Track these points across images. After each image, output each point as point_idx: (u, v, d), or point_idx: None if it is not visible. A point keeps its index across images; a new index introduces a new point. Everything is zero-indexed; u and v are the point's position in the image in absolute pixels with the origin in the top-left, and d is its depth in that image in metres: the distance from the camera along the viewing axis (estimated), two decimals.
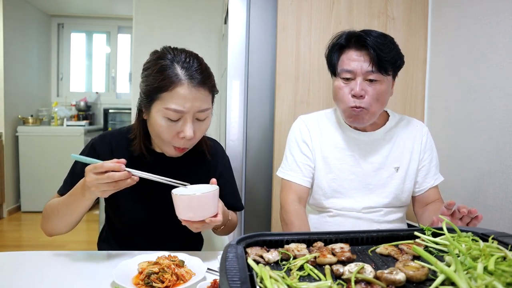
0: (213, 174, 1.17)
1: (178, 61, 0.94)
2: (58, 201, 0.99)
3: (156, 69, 0.94)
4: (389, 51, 1.09)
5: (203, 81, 0.95)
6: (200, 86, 0.94)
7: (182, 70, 0.93)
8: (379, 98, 1.12)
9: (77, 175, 1.02)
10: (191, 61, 0.95)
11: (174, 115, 0.93)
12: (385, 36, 1.12)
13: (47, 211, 1.02)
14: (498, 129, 1.28)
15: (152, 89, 0.94)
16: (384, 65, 1.09)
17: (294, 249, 0.63)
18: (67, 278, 0.86)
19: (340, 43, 1.15)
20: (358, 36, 1.11)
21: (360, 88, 1.10)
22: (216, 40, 3.25)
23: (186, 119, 0.95)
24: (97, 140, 1.08)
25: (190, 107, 0.93)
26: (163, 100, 0.93)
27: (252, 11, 1.69)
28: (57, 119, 4.30)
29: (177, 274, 0.82)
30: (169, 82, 0.92)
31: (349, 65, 1.11)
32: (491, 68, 1.32)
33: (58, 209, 0.98)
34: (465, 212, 0.91)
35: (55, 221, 1.00)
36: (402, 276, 0.52)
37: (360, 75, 1.10)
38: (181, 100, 0.92)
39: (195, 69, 0.95)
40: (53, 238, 1.19)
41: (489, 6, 1.33)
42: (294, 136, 1.28)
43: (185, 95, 0.92)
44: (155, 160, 1.08)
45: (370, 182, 1.21)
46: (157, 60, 0.96)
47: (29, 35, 4.25)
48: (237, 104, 1.70)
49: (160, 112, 0.94)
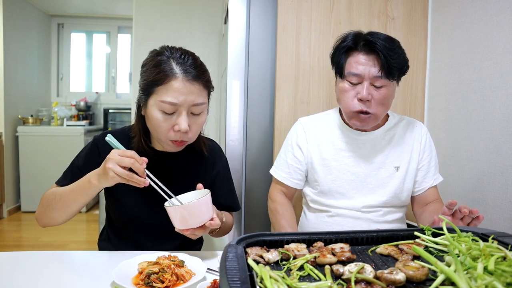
0: (211, 173, 1.19)
1: (174, 57, 0.98)
2: (62, 190, 1.00)
3: (153, 64, 0.99)
4: (397, 56, 1.09)
5: (197, 75, 0.99)
6: (194, 80, 0.98)
7: (177, 66, 0.97)
8: (384, 103, 1.13)
9: (78, 168, 1.06)
10: (186, 58, 0.99)
11: (169, 108, 0.96)
12: (392, 41, 1.11)
13: (47, 199, 1.03)
14: (498, 129, 1.28)
15: (149, 83, 0.98)
16: (392, 71, 1.08)
17: (294, 249, 0.64)
18: (67, 278, 0.86)
19: (348, 45, 1.13)
20: (367, 40, 1.10)
21: (367, 92, 1.09)
22: (216, 40, 3.25)
23: (181, 112, 0.98)
24: (99, 137, 1.11)
25: (184, 100, 0.96)
26: (159, 93, 0.97)
27: (252, 11, 1.69)
28: (57, 119, 4.30)
29: (177, 274, 0.82)
30: (164, 76, 0.96)
31: (357, 68, 1.10)
32: (491, 68, 1.32)
33: (61, 197, 0.99)
34: (466, 212, 0.91)
35: (54, 210, 1.01)
36: (402, 276, 0.52)
37: (367, 79, 1.10)
38: (176, 93, 0.95)
39: (190, 65, 0.98)
40: (53, 238, 1.19)
41: (489, 6, 1.33)
42: (290, 138, 1.33)
43: (179, 88, 0.96)
44: (154, 157, 1.09)
45: (370, 182, 1.22)
46: (155, 57, 1.00)
47: (29, 35, 4.25)
48: (237, 104, 1.70)
49: (156, 105, 0.97)
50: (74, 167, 1.09)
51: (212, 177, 1.19)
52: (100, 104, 4.90)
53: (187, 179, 1.14)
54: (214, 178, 1.19)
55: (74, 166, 1.09)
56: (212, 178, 1.19)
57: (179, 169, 1.13)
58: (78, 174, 1.01)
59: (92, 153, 1.09)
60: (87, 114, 4.63)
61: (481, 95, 1.37)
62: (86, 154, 1.10)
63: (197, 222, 0.91)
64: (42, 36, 4.59)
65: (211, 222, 0.92)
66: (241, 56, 1.69)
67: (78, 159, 1.10)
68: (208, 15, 3.26)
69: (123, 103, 4.83)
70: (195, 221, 0.90)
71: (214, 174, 1.19)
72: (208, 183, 1.17)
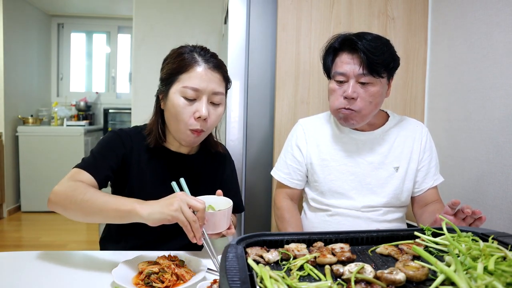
0: (222, 175, 1.23)
1: (195, 50, 1.05)
2: (96, 198, 0.89)
3: (175, 56, 1.05)
4: (381, 53, 1.10)
5: (218, 65, 1.05)
6: (214, 70, 1.04)
7: (199, 56, 1.04)
8: (372, 101, 1.13)
9: (100, 154, 1.04)
10: (207, 51, 1.07)
11: (192, 93, 1.00)
12: (379, 39, 1.13)
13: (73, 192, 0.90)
14: (498, 129, 1.28)
15: (172, 70, 1.03)
16: (376, 68, 1.09)
17: (294, 249, 0.64)
18: (67, 278, 0.86)
19: (334, 46, 1.17)
20: (351, 40, 1.12)
21: (352, 90, 1.11)
22: (216, 40, 3.25)
23: (202, 99, 1.01)
24: (119, 131, 1.11)
25: (206, 86, 1.01)
26: (181, 80, 1.01)
27: (252, 11, 1.69)
28: (57, 119, 4.30)
29: (177, 274, 0.82)
30: (187, 63, 1.02)
31: (342, 67, 1.13)
32: (491, 68, 1.32)
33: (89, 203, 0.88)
34: (469, 212, 0.91)
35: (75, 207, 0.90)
36: (402, 276, 0.52)
37: (352, 78, 1.12)
38: (198, 80, 1.00)
39: (210, 56, 1.06)
40: (53, 238, 1.19)
41: (489, 6, 1.33)
42: (289, 139, 1.35)
43: (201, 75, 1.01)
44: (169, 158, 1.12)
45: (369, 182, 1.22)
46: (177, 50, 1.07)
47: (29, 35, 4.25)
48: (237, 104, 1.70)
49: (178, 92, 1.01)
50: (96, 153, 1.04)
51: (223, 179, 1.22)
52: (100, 104, 4.90)
53: (200, 180, 1.16)
54: (224, 180, 1.23)
55: (95, 153, 1.05)
56: (223, 180, 1.22)
57: (193, 170, 1.16)
58: (102, 160, 1.02)
59: (114, 142, 1.07)
60: (87, 114, 4.63)
61: (481, 95, 1.36)
62: (107, 142, 1.07)
63: (215, 230, 0.93)
64: (42, 36, 4.59)
65: (228, 231, 0.96)
66: (241, 56, 1.69)
67: (100, 147, 1.06)
68: (208, 15, 3.26)
69: (123, 103, 4.83)
70: (215, 228, 0.93)
71: (225, 176, 1.23)
72: (219, 184, 1.20)
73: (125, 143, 1.08)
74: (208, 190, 1.06)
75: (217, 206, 0.98)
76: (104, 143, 1.08)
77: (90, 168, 0.99)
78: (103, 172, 1.01)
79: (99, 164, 1.01)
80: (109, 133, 1.12)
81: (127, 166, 1.08)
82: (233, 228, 0.98)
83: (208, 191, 1.04)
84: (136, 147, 1.10)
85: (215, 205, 0.98)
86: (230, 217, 0.96)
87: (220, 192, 1.01)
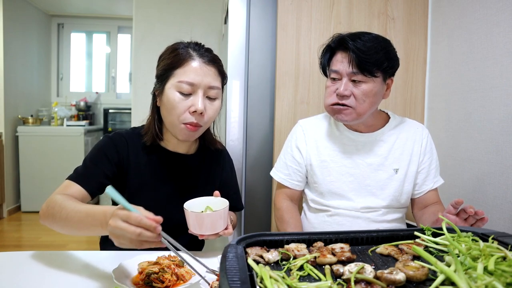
0: (221, 174, 1.22)
1: (190, 46, 1.06)
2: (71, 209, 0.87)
3: (170, 51, 1.06)
4: (374, 53, 1.10)
5: (213, 59, 1.05)
6: (209, 64, 1.04)
7: (194, 51, 1.04)
8: (365, 99, 1.13)
9: (92, 162, 1.03)
10: (201, 45, 1.08)
11: (187, 88, 1.00)
12: (376, 39, 1.13)
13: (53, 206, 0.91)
14: (498, 129, 1.28)
15: (167, 66, 1.03)
16: (366, 66, 1.10)
17: (294, 249, 0.63)
18: (67, 278, 0.86)
19: (330, 45, 1.20)
20: (344, 39, 1.14)
21: (345, 88, 1.13)
22: (216, 40, 3.24)
23: (197, 93, 1.02)
24: (113, 135, 1.10)
25: (201, 80, 1.01)
26: (176, 75, 1.02)
27: (252, 11, 1.68)
28: (57, 119, 4.30)
29: (177, 274, 0.82)
30: (182, 58, 1.02)
31: (336, 65, 1.16)
32: (491, 68, 1.32)
33: (68, 216, 0.87)
34: (472, 212, 0.91)
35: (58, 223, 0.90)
36: (402, 276, 0.52)
37: (345, 76, 1.14)
38: (193, 74, 1.01)
39: (205, 50, 1.07)
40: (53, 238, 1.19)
41: (489, 6, 1.33)
42: (289, 140, 1.35)
43: (196, 69, 1.01)
44: (166, 156, 1.12)
45: (369, 184, 1.21)
46: (171, 46, 1.08)
47: (29, 35, 4.24)
48: (237, 104, 1.70)
49: (174, 87, 1.01)
50: (89, 162, 1.04)
51: (222, 179, 1.22)
52: (100, 104, 4.90)
53: (200, 180, 1.16)
54: (223, 179, 1.23)
55: (87, 161, 1.04)
56: (222, 179, 1.22)
57: (192, 170, 1.15)
58: (93, 168, 1.01)
59: (107, 149, 1.05)
60: (87, 114, 4.63)
61: (481, 95, 1.36)
62: (100, 149, 1.05)
63: (212, 230, 0.93)
64: (42, 36, 4.58)
65: (225, 231, 0.95)
66: (241, 56, 1.69)
67: (92, 155, 1.05)
68: (208, 15, 3.26)
69: (123, 103, 4.83)
70: (211, 229, 0.93)
71: (224, 175, 1.23)
72: (218, 184, 1.20)
73: (119, 148, 1.06)
74: (208, 189, 1.06)
75: (215, 206, 0.97)
76: (97, 151, 1.06)
77: (80, 179, 0.99)
78: (95, 181, 1.00)
79: (91, 174, 1.00)
80: (102, 138, 1.11)
81: (125, 170, 1.07)
82: (230, 228, 0.97)
83: (207, 191, 1.04)
84: (133, 149, 1.08)
85: (213, 206, 0.98)
86: (227, 217, 0.96)
87: (217, 193, 1.00)
